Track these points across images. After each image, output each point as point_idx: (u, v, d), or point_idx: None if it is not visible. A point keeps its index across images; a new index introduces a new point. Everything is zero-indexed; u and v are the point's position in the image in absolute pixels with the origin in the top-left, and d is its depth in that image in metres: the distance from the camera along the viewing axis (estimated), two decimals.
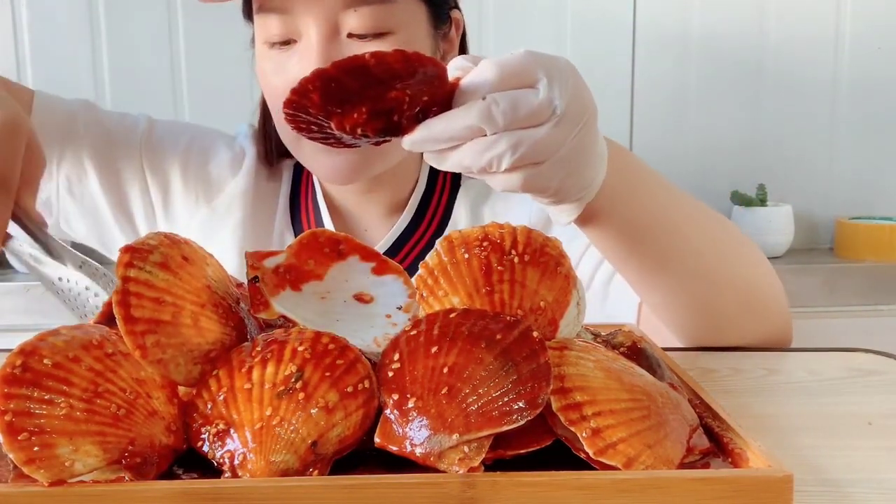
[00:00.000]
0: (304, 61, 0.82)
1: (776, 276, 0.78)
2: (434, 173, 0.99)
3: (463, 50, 0.96)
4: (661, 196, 0.71)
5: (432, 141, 0.54)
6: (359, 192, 0.96)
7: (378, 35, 0.82)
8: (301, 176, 1.02)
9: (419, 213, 0.97)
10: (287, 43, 0.84)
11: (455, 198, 0.99)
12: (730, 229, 0.77)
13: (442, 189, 0.99)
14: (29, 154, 0.59)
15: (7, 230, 0.58)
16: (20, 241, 0.59)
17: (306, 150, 0.89)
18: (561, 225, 0.67)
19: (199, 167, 1.00)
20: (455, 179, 1.00)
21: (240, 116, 1.10)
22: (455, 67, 0.56)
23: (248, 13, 0.89)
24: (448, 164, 0.56)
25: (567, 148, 0.56)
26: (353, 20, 0.81)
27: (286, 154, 0.97)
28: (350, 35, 0.82)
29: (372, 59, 0.49)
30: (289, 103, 0.51)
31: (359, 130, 0.52)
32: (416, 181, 0.98)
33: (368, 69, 0.50)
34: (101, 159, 0.96)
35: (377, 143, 0.55)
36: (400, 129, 0.54)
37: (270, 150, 1.01)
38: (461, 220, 0.98)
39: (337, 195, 0.99)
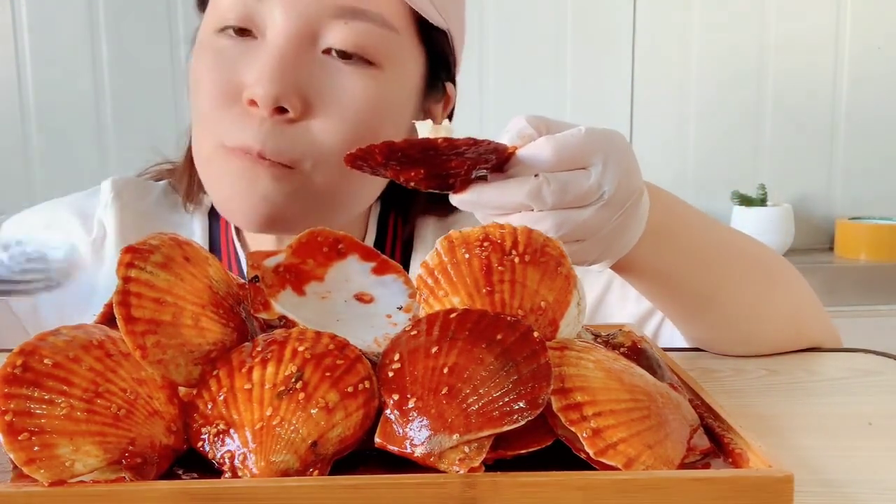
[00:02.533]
0: (256, 65, 0.67)
1: (817, 298, 0.77)
2: (382, 228, 0.87)
3: None
4: (701, 236, 0.69)
5: (481, 206, 0.56)
6: None
7: (363, 61, 0.69)
8: (218, 233, 0.85)
9: (377, 245, 0.85)
10: (243, 33, 0.69)
11: (410, 253, 0.87)
12: (772, 258, 0.75)
13: (393, 243, 0.87)
14: None
15: None
16: None
17: (224, 184, 0.71)
18: (594, 273, 0.66)
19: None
20: (407, 236, 0.88)
21: None
22: (516, 134, 0.56)
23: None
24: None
25: (609, 228, 0.58)
26: (339, 34, 0.68)
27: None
28: (327, 51, 0.69)
29: (444, 143, 0.52)
30: (351, 156, 0.53)
31: (412, 184, 0.55)
32: (363, 238, 0.85)
33: (438, 148, 0.52)
34: None
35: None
36: (452, 188, 0.56)
37: (193, 186, 0.84)
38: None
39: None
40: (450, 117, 0.84)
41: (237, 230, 0.84)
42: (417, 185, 0.55)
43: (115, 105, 1.93)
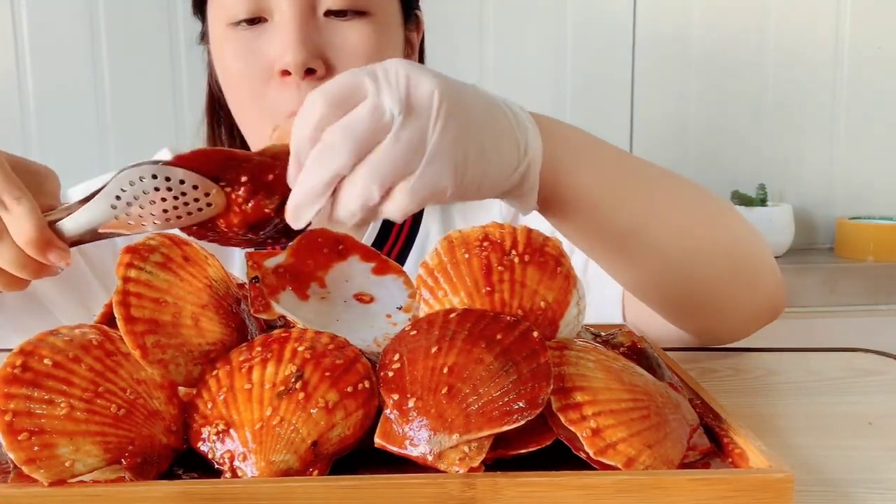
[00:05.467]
0: (277, 40, 0.77)
1: (762, 240, 0.74)
2: (387, 222, 0.92)
3: (422, 56, 0.92)
4: (622, 168, 0.66)
5: (306, 205, 0.48)
6: None
7: (357, 13, 0.79)
8: None
9: (385, 225, 0.92)
10: (254, 22, 0.79)
11: (410, 247, 0.93)
12: (705, 195, 0.72)
13: (397, 237, 0.93)
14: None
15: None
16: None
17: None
18: (523, 214, 0.61)
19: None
20: (411, 231, 0.95)
21: None
22: (272, 141, 0.51)
23: (198, 3, 0.85)
24: (341, 221, 0.49)
25: (435, 143, 0.49)
26: None
27: None
28: (328, 13, 0.78)
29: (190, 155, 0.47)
30: (194, 234, 0.50)
31: (265, 209, 0.48)
32: (365, 231, 0.91)
33: (198, 156, 0.47)
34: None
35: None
36: (271, 214, 0.49)
37: None
38: (433, 227, 0.93)
39: None
40: (421, 44, 0.92)
41: None
42: (268, 206, 0.49)
43: (115, 105, 1.93)
